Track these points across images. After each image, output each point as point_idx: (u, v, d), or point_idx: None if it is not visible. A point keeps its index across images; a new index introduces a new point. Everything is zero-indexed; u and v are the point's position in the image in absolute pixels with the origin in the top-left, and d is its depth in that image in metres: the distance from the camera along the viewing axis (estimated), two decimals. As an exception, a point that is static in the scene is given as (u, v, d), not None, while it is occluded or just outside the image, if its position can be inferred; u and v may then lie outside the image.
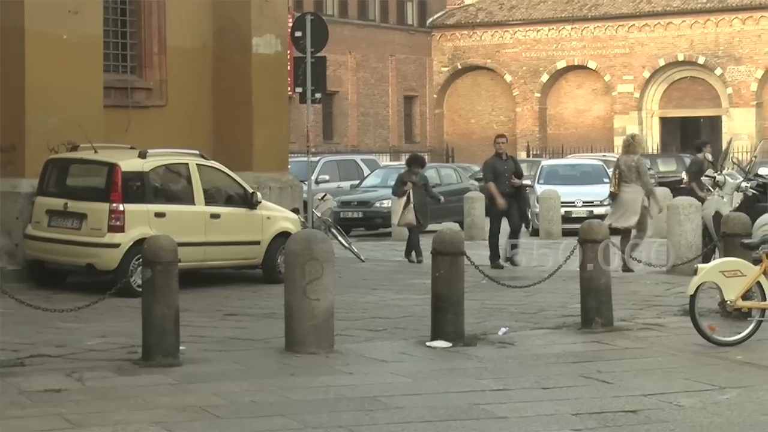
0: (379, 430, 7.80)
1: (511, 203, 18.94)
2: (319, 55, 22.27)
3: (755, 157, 32.36)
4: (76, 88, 16.62)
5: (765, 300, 11.13)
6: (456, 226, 21.95)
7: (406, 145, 55.73)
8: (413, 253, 19.84)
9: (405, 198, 19.72)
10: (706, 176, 17.93)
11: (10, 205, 16.34)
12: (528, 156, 51.35)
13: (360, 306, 14.12)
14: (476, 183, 31.83)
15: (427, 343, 11.20)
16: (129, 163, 15.38)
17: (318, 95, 22.31)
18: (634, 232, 18.15)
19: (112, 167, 15.23)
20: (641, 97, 56.33)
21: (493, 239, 19.00)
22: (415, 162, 20.41)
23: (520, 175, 19.27)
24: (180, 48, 19.23)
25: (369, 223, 27.00)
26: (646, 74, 56.01)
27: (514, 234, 19.09)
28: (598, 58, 56.81)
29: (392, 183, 21.83)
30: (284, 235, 15.88)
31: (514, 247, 18.99)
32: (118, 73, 18.87)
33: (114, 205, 15.01)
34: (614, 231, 15.31)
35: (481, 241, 24.22)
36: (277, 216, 17.05)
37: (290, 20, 24.53)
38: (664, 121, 56.95)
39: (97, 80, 17.24)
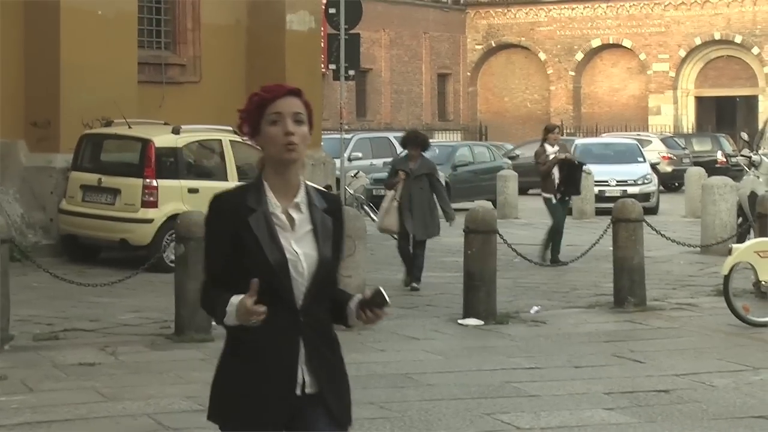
0: (410, 407, 7.80)
1: None
2: (352, 32, 22.23)
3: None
4: (110, 64, 16.67)
5: (800, 281, 11.05)
6: (489, 204, 21.90)
7: (439, 122, 55.58)
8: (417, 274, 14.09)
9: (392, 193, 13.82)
10: (742, 156, 17.78)
11: (44, 180, 16.44)
12: (562, 135, 51.10)
13: (392, 283, 14.12)
14: (509, 161, 31.75)
15: (459, 321, 11.19)
16: (162, 138, 15.42)
17: (351, 72, 22.27)
18: None
19: (145, 143, 15.27)
20: (677, 76, 55.89)
21: None
22: (411, 142, 13.95)
23: None
24: (214, 24, 19.24)
25: (401, 200, 26.91)
26: (682, 53, 55.54)
27: None
28: (633, 36, 56.38)
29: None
30: (317, 212, 15.85)
31: None
32: (153, 50, 18.93)
33: (147, 180, 15.07)
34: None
35: (514, 220, 24.19)
36: (310, 193, 17.02)
37: (324, -3, 24.48)
38: (700, 101, 56.49)
39: (131, 56, 17.28)
